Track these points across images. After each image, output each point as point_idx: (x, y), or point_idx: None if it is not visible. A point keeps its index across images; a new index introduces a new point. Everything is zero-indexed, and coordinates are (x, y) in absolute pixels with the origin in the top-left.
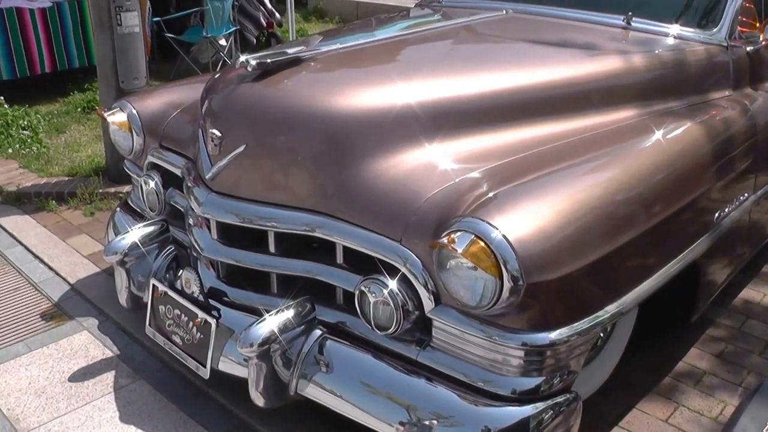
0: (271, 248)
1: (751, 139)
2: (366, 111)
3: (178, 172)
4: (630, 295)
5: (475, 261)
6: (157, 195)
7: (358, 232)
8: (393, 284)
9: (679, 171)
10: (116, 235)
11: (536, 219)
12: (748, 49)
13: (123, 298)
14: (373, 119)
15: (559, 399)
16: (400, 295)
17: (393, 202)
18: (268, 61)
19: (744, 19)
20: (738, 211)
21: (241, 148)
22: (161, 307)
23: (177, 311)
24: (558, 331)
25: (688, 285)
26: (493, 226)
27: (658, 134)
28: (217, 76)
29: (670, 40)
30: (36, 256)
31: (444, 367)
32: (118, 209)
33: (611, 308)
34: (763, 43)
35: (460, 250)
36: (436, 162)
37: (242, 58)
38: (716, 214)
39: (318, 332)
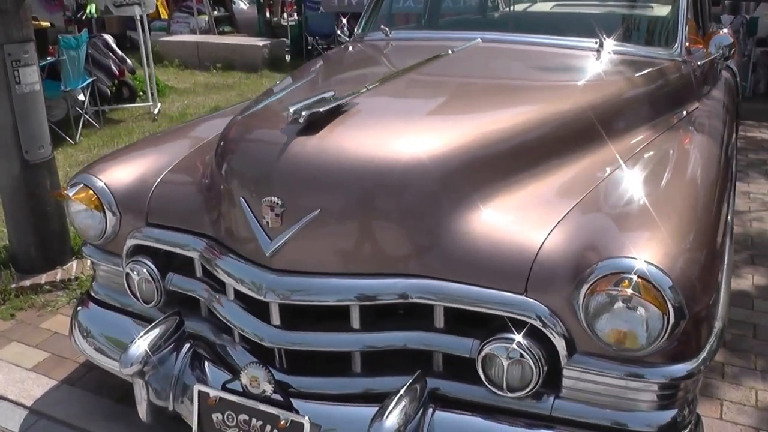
0: (355, 324)
1: (731, 139)
2: (450, 155)
3: (192, 253)
4: (724, 303)
5: (650, 300)
6: (154, 282)
7: (474, 291)
8: (525, 342)
9: (718, 171)
10: (85, 337)
11: (673, 246)
12: (699, 63)
13: (142, 411)
14: (458, 162)
15: (692, 425)
16: (536, 351)
17: (505, 253)
18: (321, 110)
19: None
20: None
21: (314, 214)
22: (216, 416)
23: (244, 416)
24: (692, 360)
25: None
26: (654, 264)
27: (689, 141)
28: (233, 133)
29: (644, 60)
30: None
31: (577, 416)
32: (80, 307)
33: (718, 325)
34: (708, 57)
35: (629, 292)
36: (528, 202)
37: (291, 108)
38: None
39: (431, 409)
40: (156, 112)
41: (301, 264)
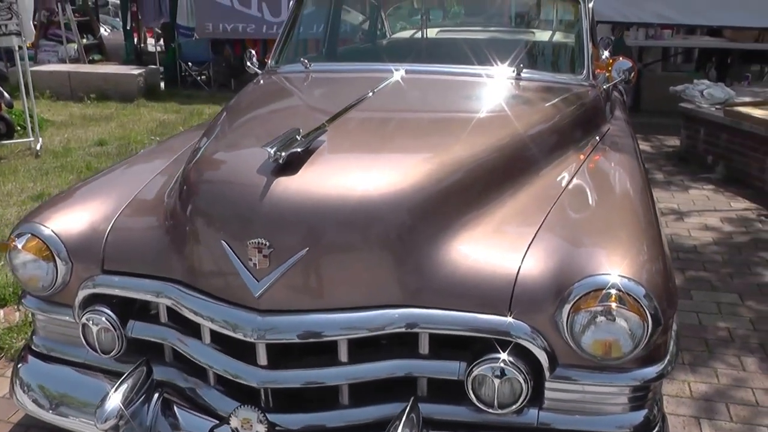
0: (343, 357)
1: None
2: (427, 187)
3: (164, 300)
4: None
5: (632, 310)
6: (115, 331)
7: (462, 317)
8: (512, 360)
9: (645, 183)
10: (28, 394)
11: (636, 258)
12: (605, 86)
13: None
14: (436, 194)
15: (660, 422)
16: (523, 368)
17: (487, 278)
18: (299, 150)
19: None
20: None
21: (302, 253)
22: None
23: None
24: (660, 363)
25: None
26: (627, 277)
27: (612, 159)
28: (201, 175)
29: (561, 86)
30: None
31: (558, 424)
32: (20, 364)
33: (675, 327)
34: (612, 81)
35: (614, 306)
36: (495, 228)
37: (270, 149)
38: None
39: None
40: (38, 147)
41: (288, 303)
